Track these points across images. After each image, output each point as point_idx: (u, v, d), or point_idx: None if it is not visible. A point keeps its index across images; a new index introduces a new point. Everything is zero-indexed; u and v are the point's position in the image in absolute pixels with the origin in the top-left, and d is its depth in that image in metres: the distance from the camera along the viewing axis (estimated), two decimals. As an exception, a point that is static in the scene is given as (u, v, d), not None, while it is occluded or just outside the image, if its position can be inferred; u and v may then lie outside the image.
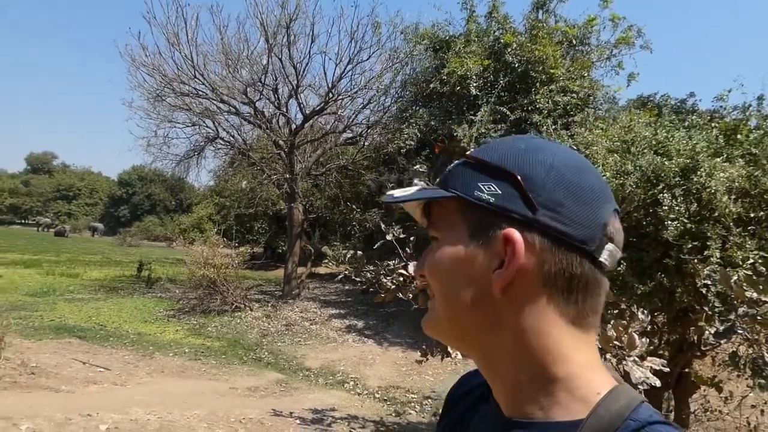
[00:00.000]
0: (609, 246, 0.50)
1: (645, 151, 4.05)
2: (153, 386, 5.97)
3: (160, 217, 50.02)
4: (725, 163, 3.76)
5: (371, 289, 4.11)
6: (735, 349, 2.79)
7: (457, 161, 0.57)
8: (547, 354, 0.50)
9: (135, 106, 12.65)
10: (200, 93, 12.12)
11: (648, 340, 2.80)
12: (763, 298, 2.44)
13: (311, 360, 8.14)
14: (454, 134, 9.09)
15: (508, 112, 9.27)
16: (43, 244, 29.00)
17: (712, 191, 3.48)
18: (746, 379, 2.92)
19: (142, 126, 18.28)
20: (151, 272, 15.33)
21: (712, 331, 2.63)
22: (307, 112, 12.87)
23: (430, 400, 6.43)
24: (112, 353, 7.27)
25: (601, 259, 0.50)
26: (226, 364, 7.44)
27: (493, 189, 0.51)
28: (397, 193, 0.58)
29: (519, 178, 0.50)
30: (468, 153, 0.57)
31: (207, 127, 13.25)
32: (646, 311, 2.91)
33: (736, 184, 3.56)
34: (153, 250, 30.56)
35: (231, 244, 13.27)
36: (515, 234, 0.49)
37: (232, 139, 13.65)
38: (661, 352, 3.22)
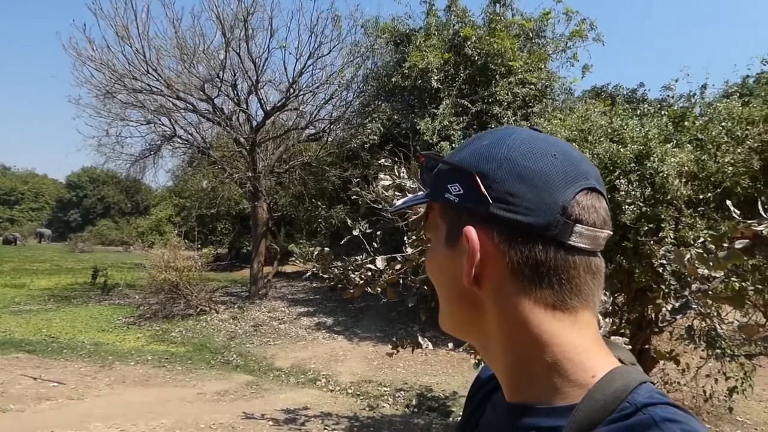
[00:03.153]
0: (577, 227, 0.49)
1: (601, 139, 4.19)
2: (114, 398, 5.72)
3: (115, 221, 47.85)
4: (675, 149, 3.95)
5: (339, 286, 4.08)
6: (690, 324, 2.93)
7: (438, 165, 0.59)
8: (528, 341, 0.51)
9: (83, 103, 12.05)
10: (154, 89, 11.65)
11: (611, 320, 2.91)
12: (714, 275, 2.57)
13: (281, 360, 8.03)
14: (417, 128, 9.15)
15: (469, 105, 9.40)
16: (-15, 254, 27.28)
17: (665, 176, 3.64)
18: (702, 350, 3.09)
19: (91, 125, 17.38)
20: (107, 278, 14.68)
21: (669, 308, 2.76)
22: (268, 108, 12.63)
23: (402, 393, 6.47)
24: (67, 366, 6.90)
25: (569, 241, 0.49)
26: (193, 369, 7.23)
27: (457, 189, 0.54)
28: (398, 202, 0.70)
29: (475, 175, 0.52)
30: (438, 158, 0.60)
31: (163, 125, 12.78)
32: (607, 293, 3.02)
33: (686, 168, 3.74)
34: (108, 255, 29.20)
35: (193, 245, 12.87)
36: (470, 230, 0.52)
37: (190, 137, 13.22)
38: (622, 330, 3.36)
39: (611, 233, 0.54)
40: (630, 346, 2.79)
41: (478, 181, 0.51)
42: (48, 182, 59.65)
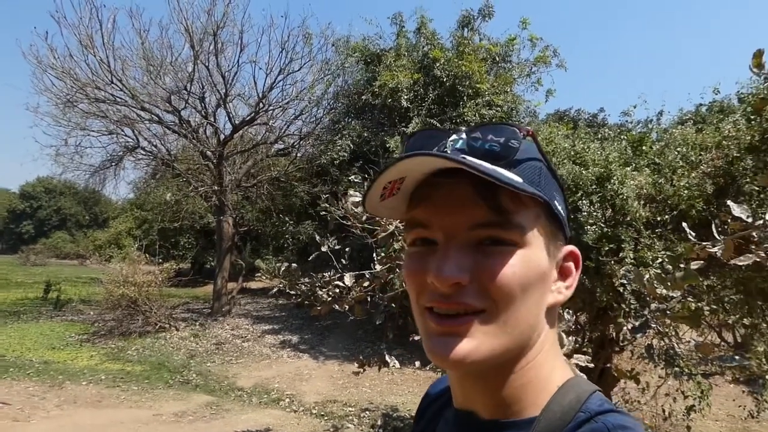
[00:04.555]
0: None
1: (565, 161, 4.33)
2: (63, 419, 5.38)
3: (72, 233, 45.64)
4: (634, 172, 4.12)
5: (306, 303, 4.01)
6: (650, 343, 3.02)
7: (533, 154, 0.50)
8: (548, 360, 0.52)
9: (41, 111, 11.57)
10: (118, 99, 11.31)
11: (573, 338, 2.96)
12: (672, 294, 2.66)
13: (244, 379, 7.78)
14: (387, 145, 9.22)
15: (438, 125, 9.56)
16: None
17: (624, 198, 3.79)
18: (661, 369, 3.18)
19: (50, 134, 16.72)
20: (60, 293, 13.89)
21: (629, 327, 2.84)
22: (237, 122, 12.46)
23: (368, 413, 6.36)
24: (12, 385, 6.47)
25: None
26: (150, 389, 6.90)
27: (561, 204, 0.53)
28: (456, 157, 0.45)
29: (564, 197, 0.54)
30: (541, 148, 0.51)
31: (126, 135, 12.38)
32: (570, 311, 3.08)
33: (644, 190, 3.91)
34: (63, 269, 27.77)
35: (154, 260, 12.42)
36: (577, 251, 0.54)
37: (154, 149, 12.86)
38: (585, 349, 3.42)
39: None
40: (593, 365, 2.85)
41: (566, 202, 0.55)
42: (0, 192, 56.45)
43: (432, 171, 0.48)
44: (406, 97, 9.72)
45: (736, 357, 2.41)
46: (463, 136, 0.49)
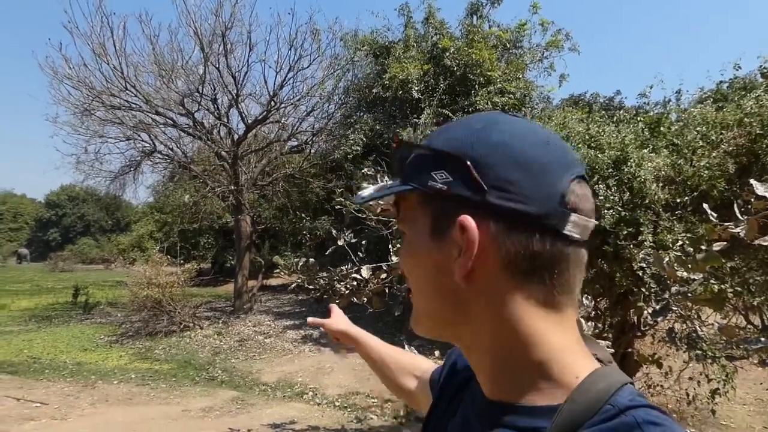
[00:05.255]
0: (572, 216, 0.48)
1: (579, 145, 4.27)
2: (97, 417, 5.58)
3: (96, 239, 46.83)
4: (651, 154, 4.04)
5: (325, 296, 4.05)
6: (671, 326, 2.98)
7: (413, 153, 0.54)
8: (518, 340, 0.49)
9: (60, 121, 11.81)
10: (133, 105, 11.51)
11: (593, 324, 2.94)
12: (693, 277, 2.62)
13: (267, 374, 7.91)
14: (400, 137, 9.20)
15: (450, 114, 9.50)
16: (-39, 275, 26.44)
17: (642, 180, 3.73)
18: (683, 353, 3.14)
19: (69, 142, 16.93)
20: (88, 297, 14.32)
21: (650, 311, 2.81)
22: (249, 121, 12.56)
23: (390, 403, 6.41)
24: (49, 386, 6.72)
25: (565, 231, 0.47)
26: (177, 386, 7.08)
27: (444, 176, 0.49)
28: (364, 192, 0.58)
29: (467, 160, 0.48)
30: (421, 142, 0.55)
31: (143, 140, 12.61)
32: (590, 297, 3.06)
33: (663, 172, 3.83)
34: (89, 274, 28.57)
35: (176, 261, 12.66)
36: (468, 220, 0.47)
37: (170, 152, 13.06)
38: (605, 335, 3.39)
39: (597, 222, 0.52)
40: (613, 350, 2.83)
41: (471, 167, 0.47)
42: (27, 202, 57.97)
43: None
44: (416, 88, 9.67)
45: (762, 339, 2.37)
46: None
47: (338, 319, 1.17)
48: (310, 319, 1.20)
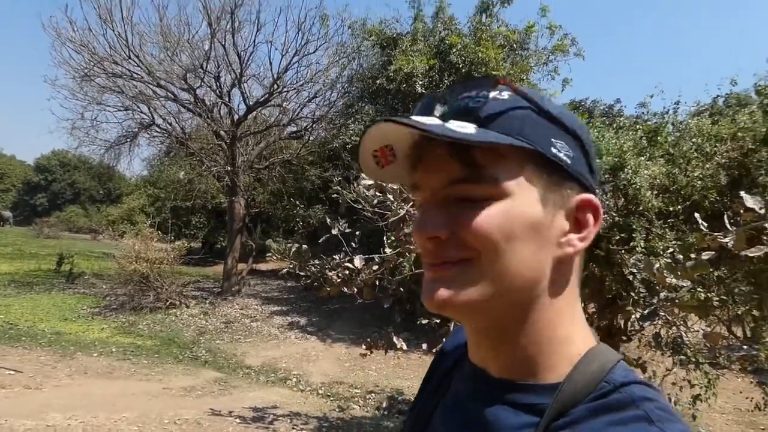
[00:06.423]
0: None
1: (579, 149, 4.28)
2: (74, 389, 5.51)
3: (85, 208, 46.14)
4: (648, 162, 4.07)
5: (315, 284, 4.04)
6: (657, 331, 3.02)
7: (513, 103, 0.48)
8: (565, 320, 0.50)
9: (59, 84, 11.66)
10: (134, 75, 11.37)
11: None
12: (681, 284, 2.65)
13: (252, 358, 7.91)
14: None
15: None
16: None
17: (637, 187, 3.76)
18: (668, 358, 3.18)
19: (66, 107, 16.85)
20: (73, 266, 14.09)
21: (638, 316, 2.84)
22: (251, 102, 12.48)
23: (373, 395, 6.45)
24: (25, 354, 6.62)
25: None
26: (159, 363, 7.05)
27: (566, 149, 0.48)
28: (427, 120, 0.46)
29: (584, 143, 0.50)
30: (526, 95, 0.49)
31: (141, 112, 12.46)
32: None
33: (658, 180, 3.87)
34: (75, 243, 28.06)
35: (166, 237, 12.59)
36: (596, 201, 0.49)
37: (169, 126, 12.94)
38: (591, 337, 3.42)
39: None
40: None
41: (590, 151, 0.50)
42: (15, 163, 56.74)
43: (415, 136, 0.49)
44: (420, 82, 9.65)
45: (744, 347, 2.41)
46: (447, 96, 0.50)
47: None
48: None
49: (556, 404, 0.46)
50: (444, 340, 0.73)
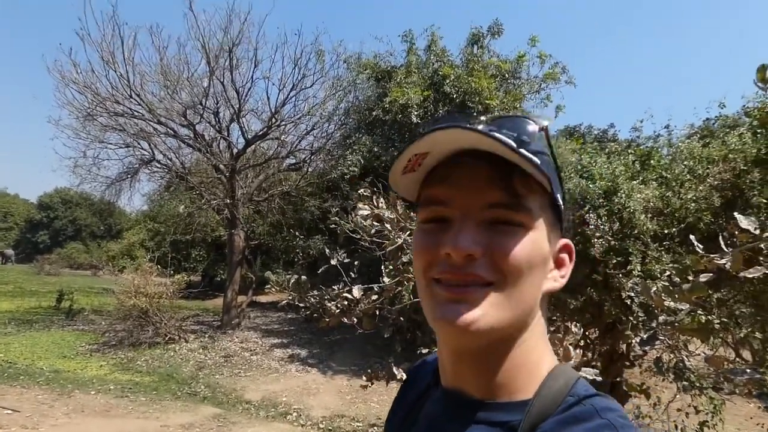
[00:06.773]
0: None
1: (572, 175, 4.35)
2: (71, 427, 5.41)
3: (86, 244, 46.09)
4: (641, 186, 4.12)
5: (315, 315, 4.02)
6: (659, 356, 2.99)
7: (542, 146, 0.53)
8: (539, 345, 0.55)
9: (62, 124, 11.88)
10: (136, 113, 11.59)
11: (581, 351, 2.94)
12: (680, 306, 2.65)
13: (251, 392, 7.76)
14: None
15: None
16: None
17: (631, 211, 3.79)
18: (670, 382, 3.13)
19: (69, 146, 17.14)
20: (72, 302, 14.04)
21: (637, 340, 2.82)
22: (249, 136, 12.67)
23: (376, 428, 6.30)
24: (23, 393, 6.52)
25: None
26: (158, 400, 6.92)
27: (560, 198, 0.56)
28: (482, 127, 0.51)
29: (560, 201, 0.56)
30: (548, 139, 0.55)
31: (142, 148, 12.66)
32: (578, 325, 3.06)
33: (651, 204, 3.90)
34: (76, 279, 27.97)
35: (166, 272, 12.54)
36: (571, 244, 0.57)
37: (169, 162, 13.10)
38: (594, 363, 3.38)
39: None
40: (601, 378, 2.82)
41: (568, 210, 0.58)
42: (19, 202, 57.13)
43: (455, 150, 0.51)
44: (416, 113, 9.82)
45: (748, 371, 2.38)
46: (483, 124, 0.53)
47: None
48: None
49: (529, 419, 0.49)
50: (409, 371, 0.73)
